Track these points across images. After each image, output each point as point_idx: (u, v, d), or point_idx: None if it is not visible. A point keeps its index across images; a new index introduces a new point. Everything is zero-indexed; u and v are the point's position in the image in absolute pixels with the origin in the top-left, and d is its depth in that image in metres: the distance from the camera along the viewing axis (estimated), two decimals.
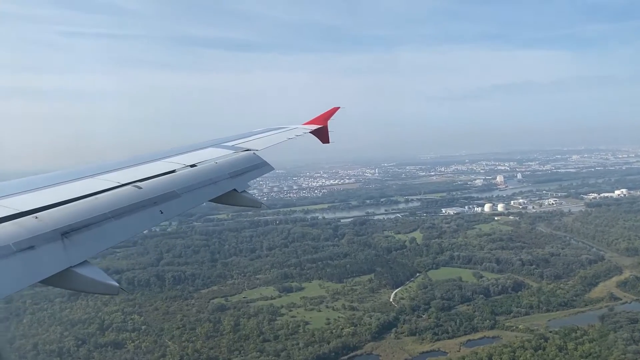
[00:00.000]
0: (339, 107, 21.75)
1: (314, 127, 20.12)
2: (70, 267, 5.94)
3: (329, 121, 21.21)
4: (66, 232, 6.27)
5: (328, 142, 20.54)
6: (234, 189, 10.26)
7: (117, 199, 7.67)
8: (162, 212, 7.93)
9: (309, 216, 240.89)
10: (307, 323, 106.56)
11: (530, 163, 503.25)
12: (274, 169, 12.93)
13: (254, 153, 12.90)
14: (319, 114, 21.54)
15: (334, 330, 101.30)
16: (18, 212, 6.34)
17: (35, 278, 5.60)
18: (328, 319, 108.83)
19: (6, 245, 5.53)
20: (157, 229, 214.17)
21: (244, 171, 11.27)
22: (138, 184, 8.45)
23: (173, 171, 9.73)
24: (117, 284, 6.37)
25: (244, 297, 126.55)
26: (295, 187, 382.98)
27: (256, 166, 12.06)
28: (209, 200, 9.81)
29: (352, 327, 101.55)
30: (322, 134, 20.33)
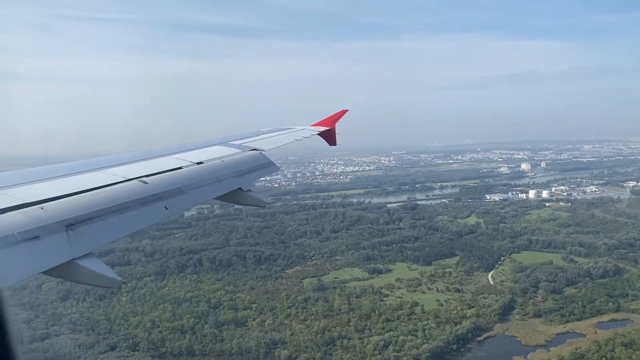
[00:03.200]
0: (347, 110, 21.65)
1: (322, 128, 20.21)
2: (74, 259, 5.90)
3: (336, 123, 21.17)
4: (71, 224, 6.24)
5: (335, 145, 20.67)
6: (240, 188, 10.22)
7: (122, 193, 7.66)
8: (166, 208, 7.91)
9: (352, 201, 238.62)
10: (418, 304, 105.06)
11: (546, 152, 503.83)
12: (280, 169, 13.03)
13: (260, 153, 12.82)
14: (326, 116, 21.38)
15: (453, 311, 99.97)
16: (24, 202, 6.28)
17: (39, 268, 5.55)
18: (438, 300, 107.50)
19: (11, 234, 5.50)
20: (205, 211, 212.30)
21: (250, 170, 11.28)
22: (144, 179, 8.42)
23: (179, 168, 9.73)
24: (119, 278, 6.29)
25: (335, 278, 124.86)
26: (317, 173, 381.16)
27: (262, 166, 12.06)
28: (214, 198, 9.83)
29: (472, 309, 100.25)
30: (329, 136, 20.42)
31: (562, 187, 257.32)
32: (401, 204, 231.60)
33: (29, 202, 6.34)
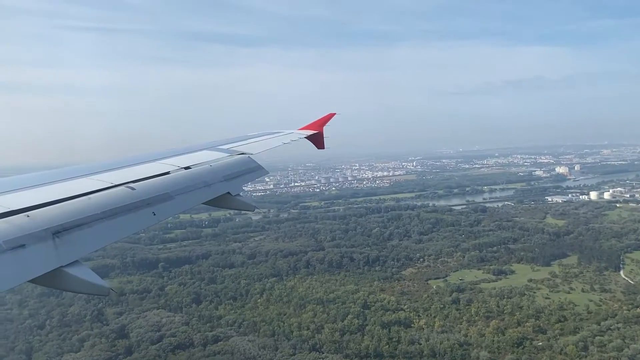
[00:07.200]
0: (335, 114, 21.24)
1: (310, 132, 19.82)
2: (61, 266, 5.70)
3: (324, 127, 20.75)
4: (58, 232, 6.02)
5: (323, 148, 20.06)
6: (228, 192, 9.99)
7: (110, 199, 7.41)
8: (154, 214, 7.63)
9: (415, 204, 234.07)
10: (575, 304, 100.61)
11: (568, 156, 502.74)
12: (268, 172, 12.78)
13: (249, 157, 12.72)
14: (315, 120, 21.06)
15: (622, 310, 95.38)
16: (9, 210, 6.09)
17: (25, 277, 5.36)
18: (591, 300, 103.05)
19: None
20: (270, 214, 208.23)
21: (238, 174, 11.15)
22: (131, 184, 8.18)
23: (167, 173, 9.48)
24: (107, 285, 6.10)
25: (461, 279, 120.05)
26: (350, 178, 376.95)
27: (251, 170, 11.88)
28: (203, 203, 9.54)
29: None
30: (317, 140, 19.95)
31: (619, 189, 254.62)
32: (464, 206, 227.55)
33: (14, 209, 6.09)
